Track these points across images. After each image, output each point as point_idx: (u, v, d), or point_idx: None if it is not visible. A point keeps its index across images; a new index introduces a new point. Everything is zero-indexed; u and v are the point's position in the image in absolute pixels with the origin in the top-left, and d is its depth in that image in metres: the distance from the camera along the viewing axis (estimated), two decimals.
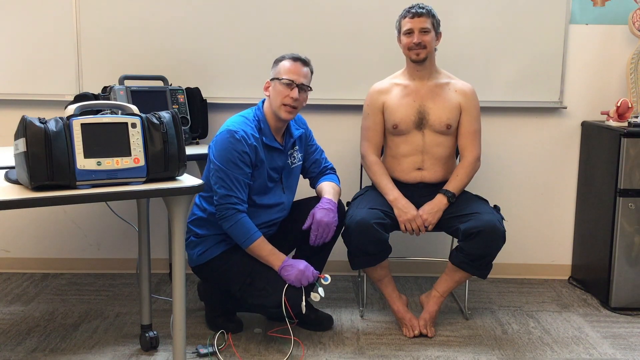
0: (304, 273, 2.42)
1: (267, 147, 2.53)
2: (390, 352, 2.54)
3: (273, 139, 2.56)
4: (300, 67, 2.52)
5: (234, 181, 2.42)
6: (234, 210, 2.42)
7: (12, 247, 3.44)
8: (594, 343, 2.66)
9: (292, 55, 2.55)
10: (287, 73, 2.50)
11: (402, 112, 2.79)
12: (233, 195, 2.42)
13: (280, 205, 2.63)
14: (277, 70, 2.54)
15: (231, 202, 2.42)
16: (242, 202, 2.44)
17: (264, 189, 2.56)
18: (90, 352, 2.50)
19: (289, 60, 2.53)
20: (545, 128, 3.35)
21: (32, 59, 3.21)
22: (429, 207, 2.71)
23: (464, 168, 2.79)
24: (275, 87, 2.51)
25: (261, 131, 2.53)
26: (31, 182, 1.82)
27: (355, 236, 2.57)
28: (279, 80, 2.50)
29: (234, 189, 2.42)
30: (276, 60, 2.57)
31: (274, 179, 2.59)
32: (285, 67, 2.51)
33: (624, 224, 2.95)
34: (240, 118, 2.53)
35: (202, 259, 2.58)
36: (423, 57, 2.75)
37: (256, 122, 2.53)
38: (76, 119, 1.89)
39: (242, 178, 2.43)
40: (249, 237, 2.44)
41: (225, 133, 2.45)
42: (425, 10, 2.73)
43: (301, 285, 2.42)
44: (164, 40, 3.21)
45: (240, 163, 2.43)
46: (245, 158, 2.43)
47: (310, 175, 2.80)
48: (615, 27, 3.27)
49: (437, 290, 2.73)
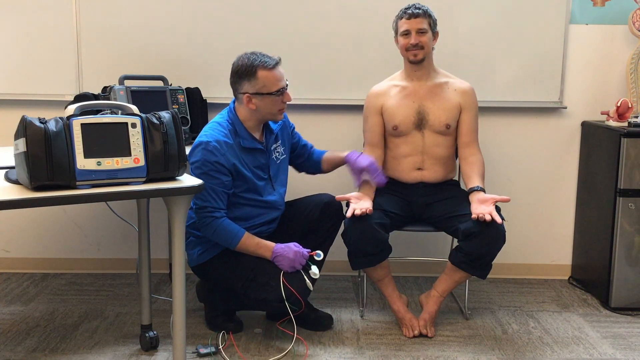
0: (295, 260, 2.45)
1: (246, 149, 2.52)
2: (390, 352, 2.54)
3: (251, 139, 2.54)
4: (280, 70, 2.48)
5: (209, 191, 2.42)
6: (211, 218, 2.44)
7: (12, 247, 3.44)
8: (594, 343, 2.66)
9: (263, 62, 2.44)
10: (275, 83, 2.45)
11: (402, 114, 2.80)
12: (209, 205, 2.43)
13: (274, 202, 2.64)
14: (257, 84, 2.44)
15: (207, 211, 2.44)
16: (218, 209, 2.45)
17: (255, 187, 2.56)
18: (90, 352, 2.50)
19: (265, 70, 2.43)
20: (545, 128, 3.35)
21: (32, 59, 3.22)
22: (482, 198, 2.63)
23: (480, 166, 2.77)
24: (265, 101, 2.47)
25: (237, 135, 2.51)
26: (31, 182, 1.82)
27: (355, 236, 2.57)
28: (270, 95, 2.46)
29: (210, 199, 2.43)
30: (246, 72, 2.44)
31: (261, 177, 2.59)
32: (269, 79, 2.44)
33: (624, 224, 2.95)
34: (213, 125, 2.51)
35: (202, 258, 2.58)
36: (421, 58, 2.75)
37: (230, 127, 2.51)
38: (76, 119, 1.89)
39: (217, 187, 2.44)
40: (234, 237, 2.47)
41: (198, 145, 2.44)
42: (421, 10, 2.73)
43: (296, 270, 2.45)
44: (164, 40, 3.21)
45: (215, 173, 2.42)
46: (219, 167, 2.43)
47: (301, 161, 2.81)
48: (615, 27, 3.26)
49: (436, 290, 2.73)
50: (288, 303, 2.41)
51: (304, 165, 2.85)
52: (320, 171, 2.84)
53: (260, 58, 2.45)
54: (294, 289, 2.41)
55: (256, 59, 2.45)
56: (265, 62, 2.45)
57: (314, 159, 2.82)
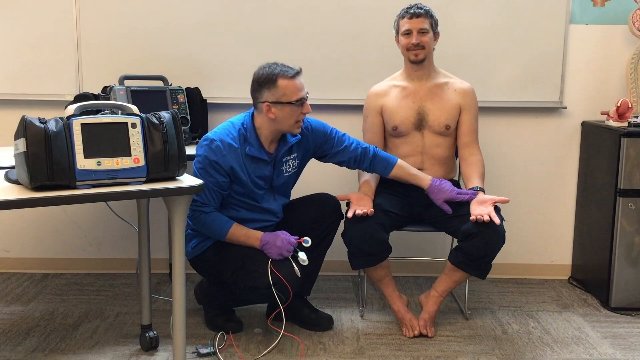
0: (282, 248, 2.45)
1: (251, 157, 2.52)
2: (390, 352, 2.54)
3: (259, 148, 2.53)
4: (301, 80, 2.48)
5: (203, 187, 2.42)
6: (199, 212, 2.47)
7: (12, 247, 3.44)
8: (594, 343, 2.66)
9: (284, 72, 2.44)
10: (295, 93, 2.45)
11: (402, 114, 2.80)
12: (199, 200, 2.46)
13: (271, 211, 2.64)
14: (277, 92, 2.44)
15: (197, 205, 2.47)
16: (207, 205, 2.48)
17: (252, 194, 2.57)
18: (90, 352, 2.50)
19: (286, 79, 2.43)
20: (545, 128, 3.35)
21: (32, 59, 3.22)
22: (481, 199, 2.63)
23: (480, 167, 2.77)
24: (284, 110, 2.45)
25: (246, 141, 2.51)
26: (31, 182, 1.82)
27: (355, 236, 2.58)
28: (290, 104, 2.45)
29: (202, 194, 2.45)
30: (267, 80, 2.44)
31: (260, 186, 2.58)
32: (289, 87, 2.44)
33: (624, 224, 2.95)
34: (227, 124, 2.54)
35: (196, 251, 2.60)
36: (422, 58, 2.75)
37: (242, 132, 2.51)
38: (76, 119, 1.89)
39: (211, 185, 2.46)
40: (222, 228, 2.49)
41: (204, 139, 2.50)
42: (423, 10, 2.73)
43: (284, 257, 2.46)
44: (164, 40, 3.21)
45: (212, 171, 2.45)
46: (217, 167, 2.45)
47: (357, 166, 2.72)
48: (615, 27, 3.26)
49: (436, 290, 2.73)
50: (276, 290, 2.42)
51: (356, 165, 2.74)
52: (383, 175, 2.75)
53: (280, 67, 2.46)
54: (282, 276, 2.41)
55: (277, 68, 2.45)
56: (286, 71, 2.44)
57: (376, 166, 2.71)
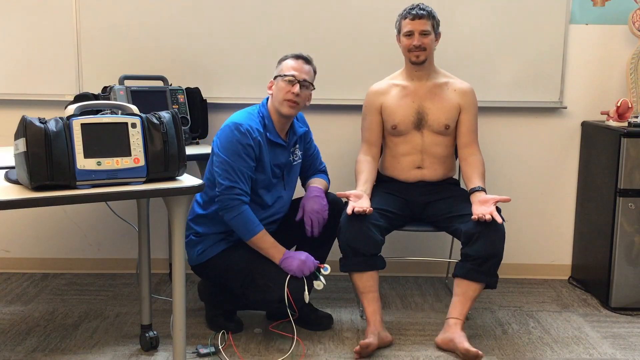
0: (305, 263, 2.45)
1: (271, 143, 2.56)
2: (390, 352, 2.54)
3: (277, 135, 2.58)
4: (302, 64, 2.57)
5: (238, 173, 2.45)
6: (238, 201, 2.44)
7: (12, 247, 3.44)
8: (594, 343, 2.66)
9: (295, 54, 2.61)
10: (289, 70, 2.56)
11: (401, 113, 2.80)
12: (237, 186, 2.44)
13: (281, 202, 2.65)
14: (280, 69, 2.59)
15: (235, 193, 2.44)
16: (245, 194, 2.47)
17: (268, 184, 2.58)
18: (90, 352, 2.50)
19: (291, 59, 2.59)
20: (545, 128, 3.35)
21: (32, 59, 3.22)
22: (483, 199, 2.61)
23: (480, 166, 2.77)
24: (278, 84, 2.56)
25: (265, 127, 2.56)
26: (31, 182, 1.82)
27: (349, 234, 2.53)
28: (282, 77, 2.54)
29: (238, 180, 2.44)
30: (280, 60, 2.62)
31: (277, 174, 2.61)
32: (288, 65, 2.57)
33: (624, 224, 2.95)
34: (245, 113, 2.57)
35: (202, 258, 2.59)
36: (423, 60, 2.75)
37: (260, 118, 2.57)
38: (76, 119, 1.90)
39: (245, 170, 2.46)
40: (252, 230, 2.47)
41: (230, 125, 2.49)
42: (426, 12, 2.72)
43: (303, 276, 2.44)
44: (164, 40, 3.21)
45: (245, 155, 2.46)
46: (249, 151, 2.46)
47: (304, 174, 2.81)
48: (615, 27, 3.27)
49: (451, 317, 2.54)
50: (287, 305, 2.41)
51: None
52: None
53: (297, 53, 2.61)
54: (291, 295, 2.40)
55: (293, 53, 2.61)
56: (295, 54, 2.60)
57: (304, 180, 2.82)
